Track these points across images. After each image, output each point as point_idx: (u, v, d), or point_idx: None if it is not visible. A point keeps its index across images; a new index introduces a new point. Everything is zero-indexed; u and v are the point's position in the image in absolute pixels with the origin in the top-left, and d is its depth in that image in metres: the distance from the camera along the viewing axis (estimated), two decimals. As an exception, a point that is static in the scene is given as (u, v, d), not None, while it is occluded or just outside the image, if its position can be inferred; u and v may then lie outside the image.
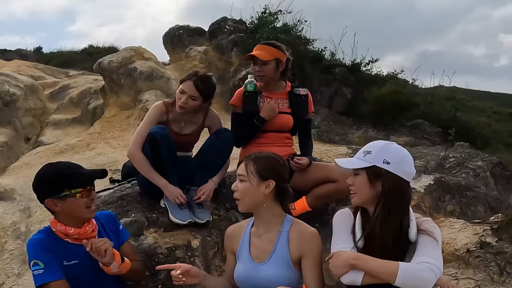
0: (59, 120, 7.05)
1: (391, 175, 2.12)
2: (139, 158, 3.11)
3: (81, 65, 12.23)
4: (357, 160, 2.20)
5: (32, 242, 2.28)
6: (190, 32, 8.26)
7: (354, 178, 2.19)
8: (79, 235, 2.32)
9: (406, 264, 2.02)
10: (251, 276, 2.27)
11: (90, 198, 2.31)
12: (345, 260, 2.05)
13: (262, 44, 3.47)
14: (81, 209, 2.28)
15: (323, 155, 4.87)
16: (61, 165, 2.39)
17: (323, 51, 7.68)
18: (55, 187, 2.27)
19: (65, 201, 2.26)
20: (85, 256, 2.30)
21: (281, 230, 2.29)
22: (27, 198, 4.44)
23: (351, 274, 2.05)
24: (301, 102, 3.51)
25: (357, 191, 2.18)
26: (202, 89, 3.14)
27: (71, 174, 2.28)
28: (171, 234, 3.08)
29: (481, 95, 17.95)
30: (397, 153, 2.17)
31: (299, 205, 3.30)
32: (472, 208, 4.20)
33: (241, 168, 2.31)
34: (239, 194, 2.30)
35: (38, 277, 2.21)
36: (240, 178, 2.30)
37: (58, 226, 2.31)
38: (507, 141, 9.71)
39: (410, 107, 7.01)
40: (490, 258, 3.18)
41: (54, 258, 2.25)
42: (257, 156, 2.32)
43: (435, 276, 2.00)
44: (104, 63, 6.69)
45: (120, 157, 5.01)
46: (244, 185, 2.28)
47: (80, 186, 2.27)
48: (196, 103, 3.18)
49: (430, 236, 2.10)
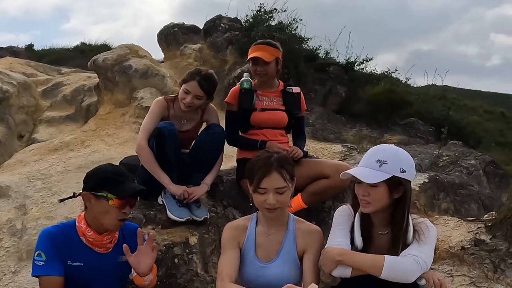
0: (53, 118, 7.00)
1: (407, 182, 2.16)
2: (146, 153, 3.11)
3: (73, 62, 12.15)
4: (375, 172, 2.13)
5: (43, 233, 2.30)
6: (184, 30, 8.25)
7: (371, 189, 2.14)
8: (94, 241, 2.32)
9: (391, 258, 2.07)
10: (258, 276, 2.26)
11: (122, 211, 2.29)
12: (331, 257, 2.11)
13: (262, 44, 3.50)
14: (109, 217, 2.27)
15: (318, 153, 4.89)
16: (117, 170, 2.38)
17: (318, 50, 7.72)
18: (98, 184, 2.29)
19: (98, 201, 2.28)
20: (89, 261, 2.31)
21: (288, 229, 2.30)
22: (22, 195, 4.42)
23: (340, 269, 2.11)
24: (293, 100, 3.56)
25: (373, 202, 2.15)
26: (207, 89, 3.18)
27: (118, 181, 2.29)
28: (169, 231, 3.10)
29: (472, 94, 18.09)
30: (408, 159, 2.20)
31: (295, 203, 3.31)
32: (465, 206, 4.24)
33: (277, 180, 2.16)
34: (280, 204, 2.20)
35: (36, 268, 2.24)
36: (279, 191, 2.17)
37: (82, 223, 2.33)
38: (498, 140, 9.81)
39: (404, 105, 7.06)
40: (485, 256, 3.21)
41: (59, 255, 2.25)
42: (281, 160, 2.21)
43: (420, 269, 2.05)
44: (99, 60, 6.66)
45: (115, 154, 5.00)
46: (286, 195, 2.21)
47: (117, 195, 2.26)
48: (201, 102, 3.22)
49: (423, 234, 2.16)
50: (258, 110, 3.48)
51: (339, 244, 2.16)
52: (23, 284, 3.42)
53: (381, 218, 2.23)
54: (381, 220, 2.23)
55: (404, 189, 2.15)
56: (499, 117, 14.30)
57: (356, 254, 2.12)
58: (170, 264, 2.96)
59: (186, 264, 3.00)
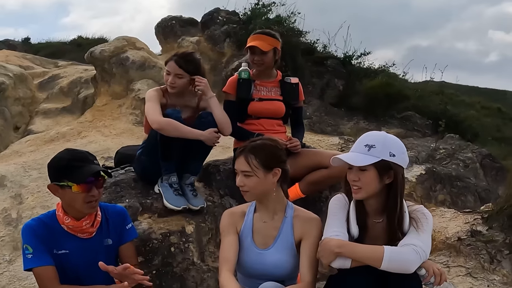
0: (49, 109, 6.98)
1: (398, 167, 2.15)
2: (168, 122, 3.04)
3: (70, 56, 12.09)
4: (363, 155, 2.14)
5: (24, 228, 2.31)
6: (182, 22, 8.23)
7: (361, 173, 2.14)
8: (74, 227, 2.31)
9: (391, 248, 2.06)
10: (256, 262, 2.26)
11: (90, 194, 2.25)
12: (330, 249, 2.08)
13: (260, 34, 3.48)
14: (78, 203, 2.26)
15: (316, 145, 4.89)
16: (73, 155, 2.31)
17: (316, 43, 7.70)
18: (58, 174, 2.27)
19: (63, 190, 2.26)
20: (75, 248, 2.30)
21: (286, 216, 2.30)
22: (18, 185, 4.41)
23: (339, 261, 2.09)
24: (292, 90, 3.55)
25: (363, 186, 2.14)
26: (185, 66, 3.19)
27: (74, 168, 2.24)
28: (165, 220, 3.08)
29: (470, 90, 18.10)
30: (398, 144, 2.19)
31: (293, 192, 3.31)
32: (462, 198, 4.26)
33: (242, 163, 2.23)
34: (248, 188, 2.23)
35: (26, 261, 2.25)
36: (245, 174, 2.22)
37: (60, 211, 2.32)
38: (495, 135, 9.82)
39: (401, 99, 7.06)
40: (481, 246, 3.22)
41: (44, 244, 2.26)
42: (254, 147, 2.24)
43: (420, 258, 2.04)
44: (96, 52, 6.64)
45: (112, 144, 5.00)
46: (251, 180, 2.22)
47: (76, 182, 2.23)
48: (184, 81, 3.21)
49: (420, 222, 2.14)
50: (256, 100, 3.46)
51: (337, 235, 2.14)
52: (18, 273, 3.42)
53: (374, 205, 2.21)
54: (375, 207, 2.22)
55: (394, 173, 2.14)
56: (496, 113, 14.32)
57: (355, 246, 2.09)
58: (166, 252, 2.94)
59: (182, 253, 2.99)
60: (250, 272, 2.29)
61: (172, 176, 3.14)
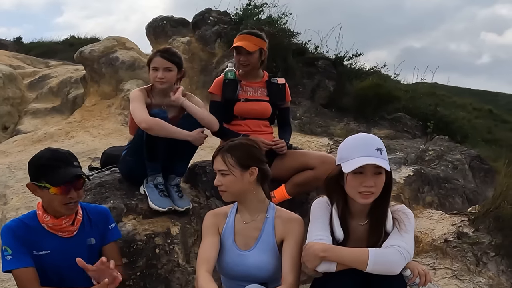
0: (38, 109, 6.96)
1: None
2: (155, 121, 3.01)
3: (61, 55, 12.05)
4: (381, 160, 2.09)
5: (3, 229, 2.28)
6: (173, 22, 8.22)
7: (376, 178, 2.10)
8: (54, 226, 2.29)
9: (375, 250, 2.05)
10: (237, 263, 2.24)
11: (68, 196, 2.23)
12: (315, 253, 2.06)
13: (246, 34, 3.47)
14: (56, 204, 2.23)
15: (305, 146, 4.88)
16: (53, 155, 2.27)
17: (307, 44, 7.70)
18: (37, 173, 2.25)
19: (42, 191, 2.24)
20: (56, 247, 2.28)
21: (267, 216, 2.28)
22: (3, 185, 4.37)
23: (325, 265, 2.07)
24: (278, 90, 3.54)
25: (376, 191, 2.11)
26: (172, 58, 3.21)
27: (53, 168, 2.21)
28: (150, 221, 3.06)
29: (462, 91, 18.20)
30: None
31: (279, 193, 3.30)
32: (450, 200, 4.26)
33: (219, 162, 2.24)
34: (225, 187, 2.24)
35: (5, 263, 2.22)
36: (222, 173, 2.24)
37: (40, 210, 2.30)
38: (485, 137, 9.87)
39: (392, 100, 7.07)
40: (467, 248, 3.22)
41: (24, 246, 2.23)
42: (231, 146, 2.26)
43: (404, 259, 2.04)
44: (85, 52, 6.62)
45: (99, 145, 4.97)
46: (228, 179, 2.23)
47: (53, 184, 2.20)
48: (173, 74, 3.22)
49: (402, 223, 2.14)
50: (242, 100, 3.44)
51: (321, 239, 2.12)
52: (1, 275, 3.37)
53: (361, 207, 2.20)
54: (361, 210, 2.21)
55: (389, 175, 2.15)
56: (487, 115, 14.41)
57: (340, 249, 2.08)
58: (151, 254, 2.91)
59: (167, 255, 2.96)
60: (232, 273, 2.27)
61: (157, 177, 3.12)
